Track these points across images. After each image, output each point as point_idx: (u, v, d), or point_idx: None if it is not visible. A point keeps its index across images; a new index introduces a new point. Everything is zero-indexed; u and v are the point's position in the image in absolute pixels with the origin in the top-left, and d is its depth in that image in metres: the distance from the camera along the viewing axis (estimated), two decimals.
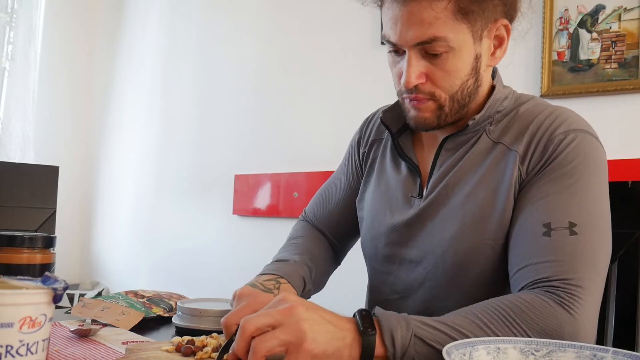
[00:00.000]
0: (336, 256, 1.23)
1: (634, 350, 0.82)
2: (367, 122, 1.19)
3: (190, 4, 3.12)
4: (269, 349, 0.65)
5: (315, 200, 1.24)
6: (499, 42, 0.95)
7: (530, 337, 0.73)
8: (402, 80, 0.91)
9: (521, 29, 1.00)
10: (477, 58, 0.92)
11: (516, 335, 0.73)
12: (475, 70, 0.92)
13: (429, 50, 0.88)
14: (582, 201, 0.85)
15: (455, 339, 0.71)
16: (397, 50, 0.92)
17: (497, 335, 0.72)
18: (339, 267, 1.24)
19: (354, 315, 0.73)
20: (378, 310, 0.74)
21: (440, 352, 0.70)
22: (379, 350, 0.70)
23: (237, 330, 0.85)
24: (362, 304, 1.18)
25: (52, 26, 3.36)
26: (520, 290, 0.83)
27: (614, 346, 0.93)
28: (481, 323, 0.74)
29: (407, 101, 0.95)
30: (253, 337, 0.67)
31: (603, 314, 1.07)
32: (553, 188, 0.86)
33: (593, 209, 0.85)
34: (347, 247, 1.24)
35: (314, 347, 0.66)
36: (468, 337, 0.72)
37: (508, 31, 0.94)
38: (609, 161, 0.93)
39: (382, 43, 0.95)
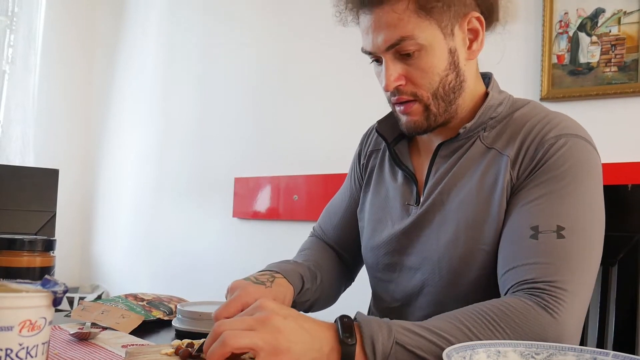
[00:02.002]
0: (348, 271, 1.22)
1: (634, 353, 0.82)
2: (367, 134, 1.21)
3: (190, 6, 3.12)
4: (240, 345, 0.63)
5: (323, 216, 1.25)
6: (474, 35, 0.96)
7: (513, 340, 0.73)
8: (383, 85, 0.94)
9: (516, 30, 1.00)
10: (452, 52, 0.93)
11: (498, 339, 0.73)
12: (454, 65, 0.94)
13: (400, 51, 0.91)
14: (571, 205, 0.84)
15: (437, 344, 0.71)
16: (377, 59, 0.96)
17: (479, 339, 0.72)
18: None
19: (335, 321, 0.72)
20: (360, 315, 0.73)
21: (421, 357, 0.70)
22: (359, 358, 0.69)
23: None
24: (365, 311, 1.18)
25: (52, 29, 3.36)
26: (507, 291, 0.83)
27: (613, 349, 0.93)
28: (464, 327, 0.73)
29: (396, 108, 0.98)
30: None
31: (603, 317, 1.07)
32: (542, 191, 0.86)
33: (583, 214, 0.84)
34: (359, 260, 1.21)
35: (287, 357, 0.64)
36: (450, 341, 0.71)
37: (481, 23, 0.95)
38: (609, 164, 0.93)
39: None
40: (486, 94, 0.99)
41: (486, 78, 1.03)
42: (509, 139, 0.93)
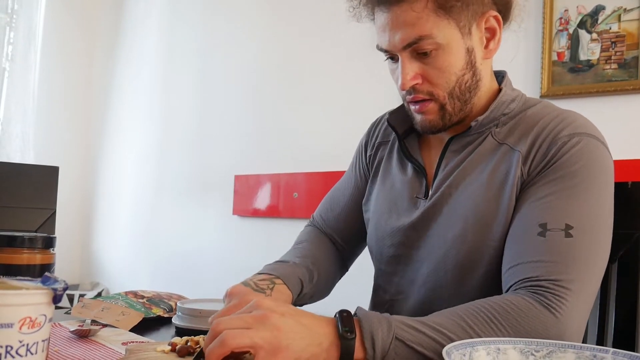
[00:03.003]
0: (343, 261, 1.21)
1: (634, 350, 0.82)
2: (375, 125, 1.20)
3: (190, 4, 3.12)
4: (239, 345, 0.63)
5: (324, 204, 1.23)
6: (491, 34, 0.95)
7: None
8: (399, 84, 0.93)
9: (524, 25, 1.00)
10: (470, 51, 0.92)
11: (499, 336, 0.72)
12: (470, 64, 0.93)
13: (418, 50, 0.90)
14: (581, 204, 0.83)
15: (437, 341, 0.71)
16: (393, 57, 0.95)
17: (480, 336, 0.72)
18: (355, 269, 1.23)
19: (335, 316, 0.72)
20: (360, 310, 0.73)
21: (420, 353, 0.70)
22: (358, 353, 0.69)
23: None
24: (367, 304, 1.18)
25: (52, 27, 3.36)
26: (510, 287, 0.83)
27: (613, 347, 0.93)
28: (464, 324, 0.73)
29: (411, 107, 0.97)
30: None
31: (603, 315, 1.07)
32: (553, 189, 0.85)
33: (592, 213, 0.84)
34: (356, 251, 1.22)
35: (287, 354, 0.64)
36: (450, 338, 0.71)
37: (499, 22, 0.94)
38: None
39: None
40: (499, 91, 0.98)
41: (499, 76, 1.02)
42: (521, 135, 0.92)
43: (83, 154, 3.56)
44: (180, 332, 1.02)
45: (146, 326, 1.06)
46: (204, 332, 0.91)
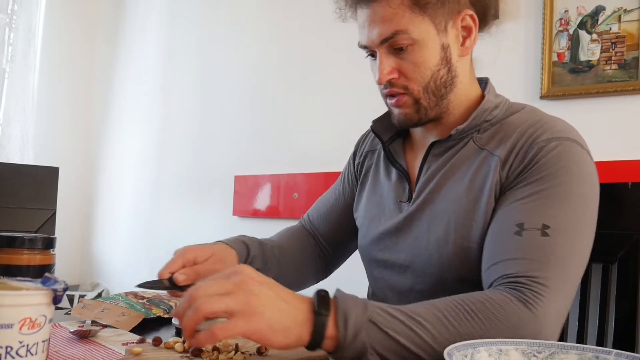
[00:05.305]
0: (325, 264, 1.25)
1: (634, 351, 0.82)
2: (364, 136, 1.24)
3: (190, 4, 3.12)
4: (213, 311, 0.64)
5: (313, 206, 1.29)
6: (467, 32, 0.98)
7: (490, 332, 0.73)
8: (376, 78, 0.97)
9: (524, 26, 1.02)
10: (445, 48, 0.95)
11: (475, 329, 0.73)
12: (446, 61, 0.95)
13: (394, 45, 0.94)
14: (559, 206, 0.84)
15: (411, 328, 0.71)
16: (373, 54, 0.98)
17: (456, 328, 0.72)
18: (346, 275, 1.25)
19: (313, 295, 0.72)
20: (338, 292, 0.74)
21: (393, 339, 0.70)
22: (330, 331, 0.69)
23: (170, 279, 0.88)
24: None
25: (52, 27, 3.36)
26: (490, 286, 0.83)
27: (613, 347, 0.93)
28: (441, 315, 0.73)
29: (388, 101, 1.00)
30: None
31: (603, 315, 1.07)
32: (531, 191, 0.86)
33: (570, 215, 0.84)
34: (339, 256, 1.25)
35: (260, 319, 0.65)
36: (425, 327, 0.71)
37: (475, 21, 0.97)
38: (609, 162, 0.93)
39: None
40: (482, 97, 1.00)
41: (482, 82, 1.04)
42: (501, 140, 0.93)
43: (83, 154, 3.56)
44: (180, 332, 1.01)
45: (146, 327, 1.06)
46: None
